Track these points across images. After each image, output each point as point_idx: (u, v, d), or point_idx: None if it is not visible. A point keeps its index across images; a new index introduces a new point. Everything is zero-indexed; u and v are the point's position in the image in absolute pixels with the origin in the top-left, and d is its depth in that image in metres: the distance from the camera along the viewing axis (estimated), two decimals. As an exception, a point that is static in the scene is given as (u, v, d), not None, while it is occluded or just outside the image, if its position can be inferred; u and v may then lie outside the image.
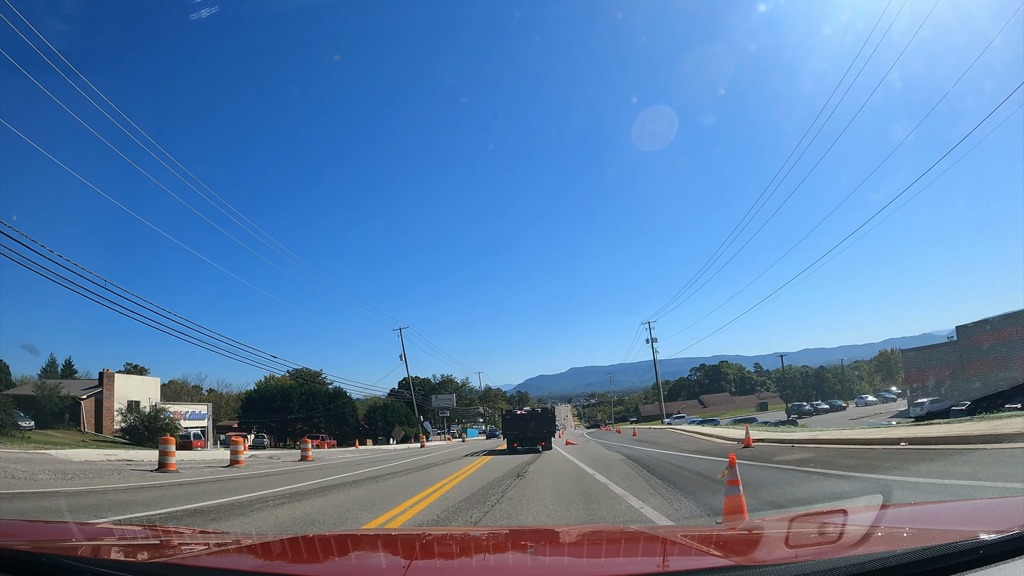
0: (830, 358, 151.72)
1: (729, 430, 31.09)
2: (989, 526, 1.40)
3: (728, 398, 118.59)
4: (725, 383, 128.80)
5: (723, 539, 1.97)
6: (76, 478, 11.30)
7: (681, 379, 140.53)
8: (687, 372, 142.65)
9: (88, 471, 13.01)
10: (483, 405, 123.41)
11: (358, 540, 2.53)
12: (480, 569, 1.92)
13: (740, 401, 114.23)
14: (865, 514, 2.03)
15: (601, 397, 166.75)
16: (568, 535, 2.66)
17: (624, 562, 1.82)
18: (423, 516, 7.13)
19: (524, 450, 23.52)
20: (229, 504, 8.36)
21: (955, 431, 12.19)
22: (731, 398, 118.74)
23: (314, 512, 7.56)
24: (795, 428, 30.92)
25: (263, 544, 2.13)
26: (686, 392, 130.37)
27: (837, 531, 1.70)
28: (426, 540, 2.51)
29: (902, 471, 8.50)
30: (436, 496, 9.13)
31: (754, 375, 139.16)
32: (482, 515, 6.92)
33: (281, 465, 18.85)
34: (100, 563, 1.56)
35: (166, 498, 9.00)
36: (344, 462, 20.55)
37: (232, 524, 6.61)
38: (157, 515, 7.08)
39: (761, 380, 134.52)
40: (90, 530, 2.43)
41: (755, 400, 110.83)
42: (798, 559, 1.36)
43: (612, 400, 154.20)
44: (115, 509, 7.42)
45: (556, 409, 33.27)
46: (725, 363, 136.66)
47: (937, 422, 18.52)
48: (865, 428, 21.61)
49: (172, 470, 14.19)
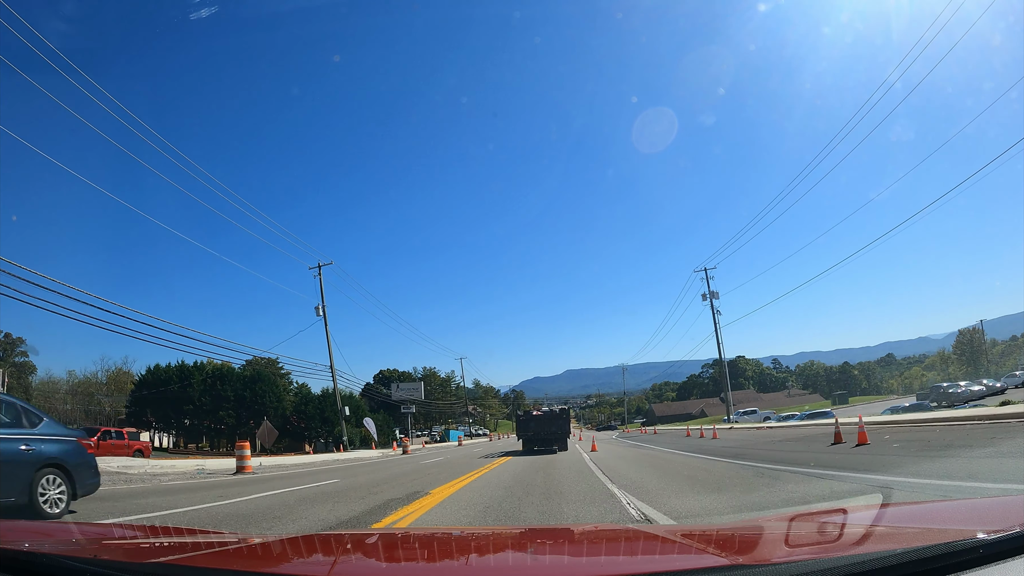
0: (827, 362, 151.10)
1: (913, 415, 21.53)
2: (989, 525, 1.39)
3: (754, 395, 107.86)
4: (744, 380, 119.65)
5: (723, 538, 1.97)
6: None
7: (692, 377, 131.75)
8: (684, 376, 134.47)
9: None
10: (472, 404, 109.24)
11: (359, 540, 2.53)
12: (480, 569, 1.91)
13: (769, 398, 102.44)
14: (865, 513, 2.03)
15: (600, 398, 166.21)
16: (568, 535, 2.66)
17: (624, 561, 1.82)
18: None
19: (541, 451, 23.18)
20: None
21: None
22: (757, 395, 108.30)
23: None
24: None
25: (263, 544, 2.13)
26: (699, 391, 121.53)
27: (837, 530, 1.71)
28: (427, 540, 2.52)
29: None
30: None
31: (773, 371, 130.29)
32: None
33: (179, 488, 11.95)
34: (100, 563, 1.56)
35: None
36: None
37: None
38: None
39: (782, 376, 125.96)
40: (90, 530, 2.43)
41: (784, 396, 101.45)
42: (798, 558, 1.35)
43: (612, 401, 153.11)
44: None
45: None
46: (742, 358, 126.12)
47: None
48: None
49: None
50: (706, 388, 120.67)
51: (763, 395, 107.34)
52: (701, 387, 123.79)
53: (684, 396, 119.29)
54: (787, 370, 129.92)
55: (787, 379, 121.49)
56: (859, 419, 14.58)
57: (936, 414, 19.34)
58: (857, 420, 14.48)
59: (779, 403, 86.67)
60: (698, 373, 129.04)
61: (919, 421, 17.09)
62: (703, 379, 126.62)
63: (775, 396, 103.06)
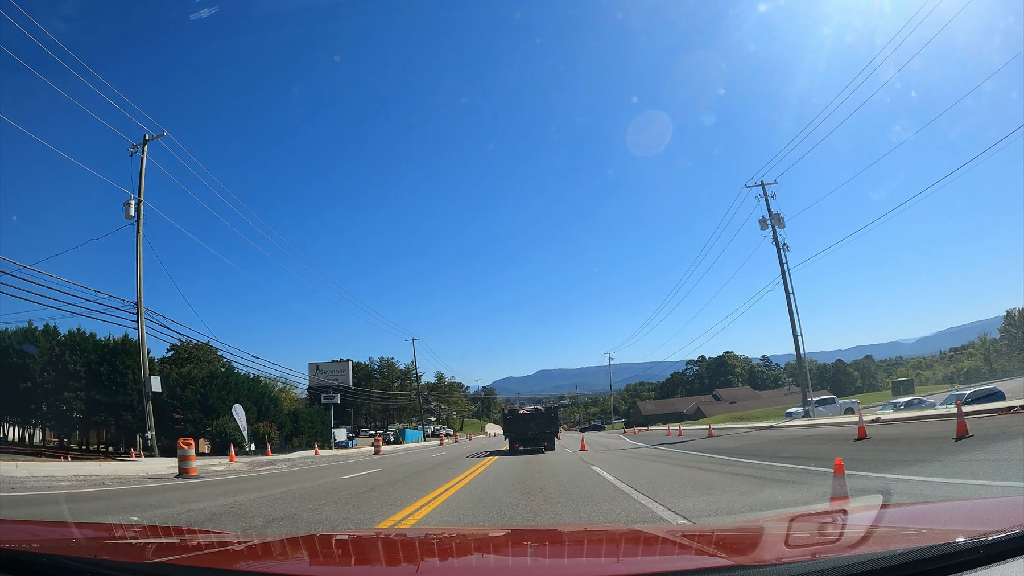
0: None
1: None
2: (989, 526, 1.40)
3: (751, 392, 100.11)
4: (733, 377, 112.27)
5: (723, 539, 1.98)
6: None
7: (675, 374, 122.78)
8: (658, 378, 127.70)
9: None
10: (436, 401, 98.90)
11: (359, 540, 2.53)
12: (480, 569, 1.92)
13: (768, 396, 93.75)
14: (865, 514, 2.05)
15: (572, 398, 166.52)
16: (568, 535, 2.66)
17: (624, 562, 1.82)
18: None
19: (526, 451, 22.59)
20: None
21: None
22: (754, 392, 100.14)
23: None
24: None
25: (264, 544, 2.13)
26: (684, 389, 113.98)
27: (837, 531, 1.72)
28: (427, 540, 2.52)
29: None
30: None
31: (765, 368, 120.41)
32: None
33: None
34: (100, 563, 1.55)
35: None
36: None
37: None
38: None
39: (774, 374, 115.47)
40: (90, 530, 2.38)
41: (782, 394, 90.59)
42: (798, 559, 1.36)
43: (587, 401, 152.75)
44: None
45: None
46: (731, 354, 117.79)
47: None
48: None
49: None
50: (692, 386, 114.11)
51: (761, 392, 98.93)
52: (687, 385, 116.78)
53: (667, 395, 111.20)
54: (777, 367, 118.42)
55: (780, 377, 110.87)
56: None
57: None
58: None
59: (778, 401, 78.84)
60: (682, 371, 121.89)
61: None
62: (687, 376, 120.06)
63: (773, 393, 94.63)
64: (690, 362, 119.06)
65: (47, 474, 12.64)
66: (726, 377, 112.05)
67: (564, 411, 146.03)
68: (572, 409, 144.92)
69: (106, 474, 13.89)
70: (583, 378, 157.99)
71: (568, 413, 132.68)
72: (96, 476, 13.32)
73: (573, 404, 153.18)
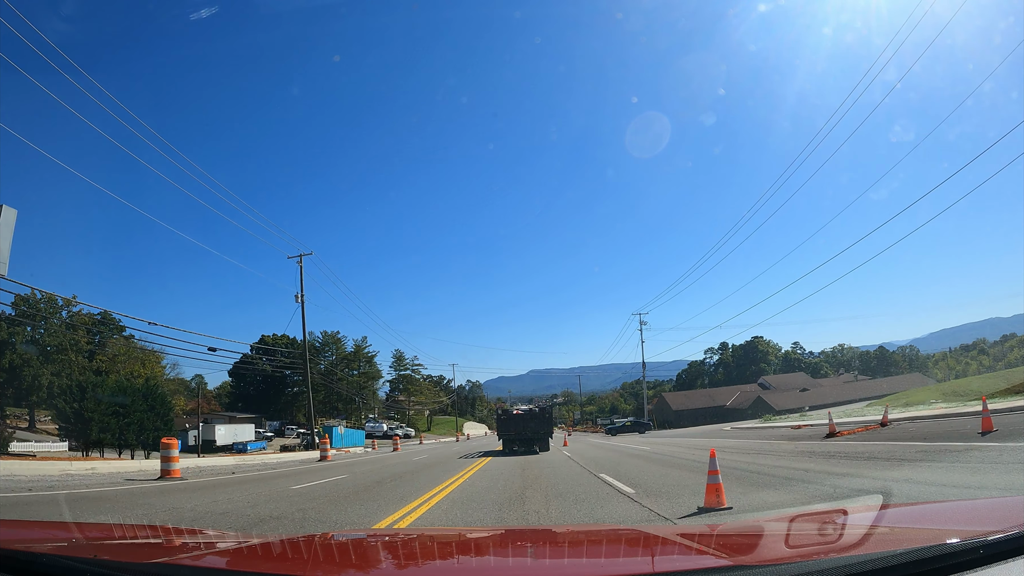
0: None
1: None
2: (989, 526, 1.41)
3: (807, 379, 79.52)
4: (765, 365, 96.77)
5: (723, 539, 1.99)
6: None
7: (693, 364, 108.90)
8: (673, 374, 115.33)
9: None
10: (403, 392, 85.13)
11: (358, 540, 2.53)
12: (480, 569, 1.92)
13: (829, 383, 75.67)
14: (865, 514, 2.04)
15: (568, 396, 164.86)
16: (567, 535, 2.66)
17: (624, 562, 1.82)
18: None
19: (520, 452, 22.17)
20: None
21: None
22: (812, 379, 79.53)
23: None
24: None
25: (264, 544, 2.12)
26: (706, 379, 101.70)
27: (837, 531, 1.71)
28: (428, 540, 2.51)
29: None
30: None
31: (801, 356, 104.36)
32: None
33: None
34: (100, 563, 1.55)
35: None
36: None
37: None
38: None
39: (813, 362, 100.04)
40: (90, 530, 2.36)
41: (842, 383, 75.45)
42: (798, 559, 1.36)
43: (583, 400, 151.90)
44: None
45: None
46: (761, 339, 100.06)
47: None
48: None
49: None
50: (715, 377, 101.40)
51: (821, 380, 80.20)
52: (708, 375, 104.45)
53: (688, 386, 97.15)
54: (811, 355, 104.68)
55: (820, 365, 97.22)
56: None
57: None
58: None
59: (845, 391, 64.16)
60: (700, 360, 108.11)
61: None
62: (707, 367, 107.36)
63: (833, 382, 78.89)
64: (710, 350, 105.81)
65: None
66: (758, 365, 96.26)
67: (558, 410, 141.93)
68: (566, 408, 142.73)
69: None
70: (574, 379, 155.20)
71: (562, 412, 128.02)
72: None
73: (569, 402, 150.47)
